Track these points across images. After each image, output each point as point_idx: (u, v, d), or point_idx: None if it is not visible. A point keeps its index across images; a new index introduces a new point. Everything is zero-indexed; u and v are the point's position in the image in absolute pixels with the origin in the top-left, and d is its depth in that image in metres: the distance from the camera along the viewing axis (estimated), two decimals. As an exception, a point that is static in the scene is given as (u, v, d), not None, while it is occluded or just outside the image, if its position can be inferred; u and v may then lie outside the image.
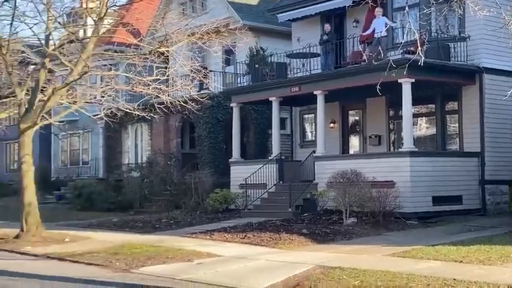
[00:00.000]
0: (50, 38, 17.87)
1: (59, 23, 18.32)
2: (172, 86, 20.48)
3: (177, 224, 19.74)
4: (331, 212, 18.58)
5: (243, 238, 15.91)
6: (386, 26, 18.59)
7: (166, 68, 20.44)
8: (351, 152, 23.26)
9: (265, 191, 21.43)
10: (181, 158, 27.88)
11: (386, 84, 15.35)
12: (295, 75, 22.52)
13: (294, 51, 22.80)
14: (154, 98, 19.37)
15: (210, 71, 25.26)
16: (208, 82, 22.15)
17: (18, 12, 18.17)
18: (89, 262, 13.32)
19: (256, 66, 23.97)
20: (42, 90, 18.47)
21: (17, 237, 17.31)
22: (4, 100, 23.34)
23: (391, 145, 22.02)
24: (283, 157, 22.74)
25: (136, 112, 19.24)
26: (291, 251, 13.92)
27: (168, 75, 19.98)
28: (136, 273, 12.12)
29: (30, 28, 27.19)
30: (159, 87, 18.70)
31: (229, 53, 26.30)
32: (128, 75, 19.02)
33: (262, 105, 25.05)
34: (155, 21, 21.34)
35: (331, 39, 21.64)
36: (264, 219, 18.60)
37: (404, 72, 16.57)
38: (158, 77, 18.99)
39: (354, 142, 23.66)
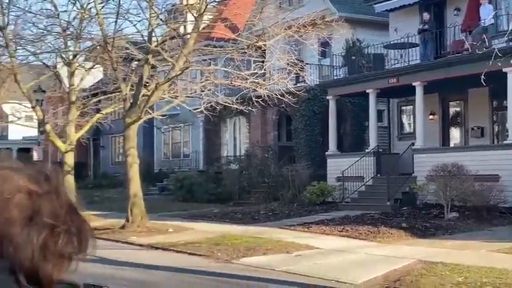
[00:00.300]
0: (153, 34, 18.49)
1: (161, 19, 18.91)
2: (269, 80, 20.68)
3: (275, 215, 19.97)
4: (432, 206, 18.18)
5: (341, 231, 15.89)
6: (491, 14, 17.94)
7: (263, 61, 20.69)
8: (451, 144, 22.63)
9: (363, 183, 21.25)
10: (278, 150, 28.10)
11: (490, 74, 14.81)
12: (393, 67, 22.14)
13: (392, 42, 22.42)
14: (252, 92, 19.64)
15: (306, 63, 25.25)
16: (305, 75, 22.20)
17: (122, 10, 18.90)
18: (192, 252, 13.74)
19: (353, 58, 23.77)
20: (145, 85, 19.16)
21: (122, 227, 18.05)
22: (110, 95, 24.46)
23: (495, 137, 21.23)
24: (380, 150, 22.45)
25: (234, 106, 19.62)
26: (390, 245, 13.77)
27: (265, 69, 20.21)
28: (237, 263, 12.41)
29: (134, 25, 28.31)
30: (256, 81, 18.96)
31: (325, 45, 26.20)
32: (226, 69, 19.39)
33: (358, 97, 24.79)
34: (253, 15, 21.62)
35: (431, 29, 21.11)
36: (361, 212, 18.49)
37: (511, 61, 15.92)
38: (256, 71, 19.24)
39: (455, 134, 23.00)
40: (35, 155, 47.97)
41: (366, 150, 22.41)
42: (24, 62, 23.19)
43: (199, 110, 21.24)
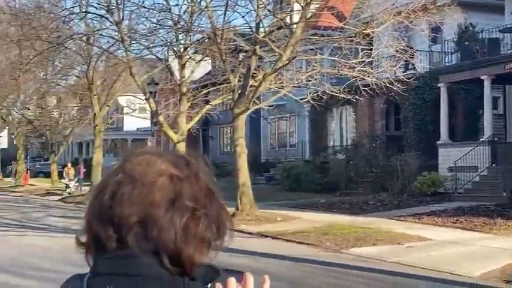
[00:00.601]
0: (260, 25, 18.65)
1: (269, 10, 19.02)
2: (378, 68, 20.31)
3: (383, 206, 19.67)
4: (553, 198, 17.23)
5: (454, 222, 15.40)
6: None
7: (371, 49, 20.32)
8: None
9: (477, 174, 20.44)
10: (386, 140, 27.58)
11: None
12: (510, 51, 21.10)
13: (508, 26, 21.34)
14: (360, 80, 19.38)
15: (416, 50, 24.56)
16: (415, 62, 21.63)
17: (231, 2, 19.21)
18: (300, 241, 13.80)
19: (466, 43, 22.86)
20: (252, 76, 19.39)
21: (232, 215, 18.36)
22: (218, 87, 24.98)
23: None
24: (495, 138, 21.49)
25: (341, 95, 19.44)
26: (508, 238, 13.18)
27: (373, 57, 19.86)
28: (346, 253, 12.34)
29: (242, 17, 28.72)
30: (364, 69, 18.67)
31: (436, 30, 25.36)
32: (333, 58, 19.23)
33: (471, 84, 23.82)
34: (360, 2, 21.28)
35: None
36: (475, 204, 17.83)
37: None
38: (363, 59, 18.94)
39: None
40: (149, 145, 49.83)
41: (481, 139, 21.54)
42: (138, 56, 24.13)
43: (305, 99, 21.23)
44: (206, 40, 22.49)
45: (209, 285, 1.28)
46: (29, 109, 44.45)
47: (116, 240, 1.24)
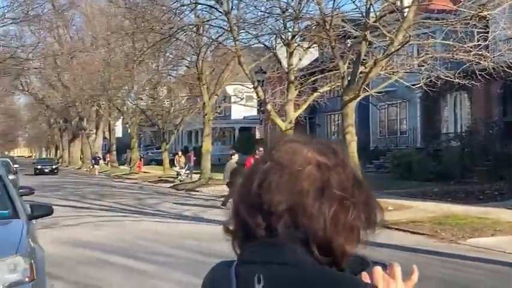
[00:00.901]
0: (371, 10, 18.27)
1: (380, -6, 18.63)
2: (494, 51, 19.39)
3: (501, 195, 18.81)
4: None
5: None
6: None
7: (487, 32, 19.43)
8: None
9: None
10: (504, 126, 26.31)
11: None
12: None
13: None
14: (475, 65, 18.58)
15: (537, 31, 23.19)
16: (536, 44, 20.43)
17: (341, -12, 18.94)
18: (414, 231, 13.46)
19: None
20: (362, 62, 19.05)
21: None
22: (326, 74, 24.79)
23: None
24: None
25: (456, 80, 18.72)
26: None
27: (489, 40, 18.98)
28: (463, 244, 11.90)
29: (352, 2, 28.32)
30: (480, 53, 17.89)
31: (558, 10, 23.82)
32: (447, 42, 18.54)
33: None
34: (476, -17, 20.35)
35: None
36: None
37: None
38: (479, 43, 18.14)
39: None
40: (257, 134, 50.51)
41: None
42: (246, 45, 24.37)
43: (418, 85, 20.61)
44: (314, 27, 22.33)
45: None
46: (142, 99, 46.21)
47: (264, 228, 1.22)
